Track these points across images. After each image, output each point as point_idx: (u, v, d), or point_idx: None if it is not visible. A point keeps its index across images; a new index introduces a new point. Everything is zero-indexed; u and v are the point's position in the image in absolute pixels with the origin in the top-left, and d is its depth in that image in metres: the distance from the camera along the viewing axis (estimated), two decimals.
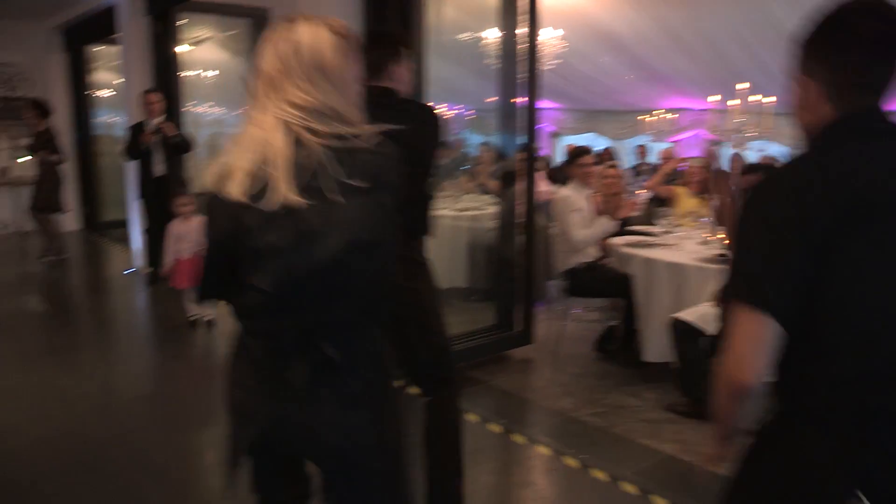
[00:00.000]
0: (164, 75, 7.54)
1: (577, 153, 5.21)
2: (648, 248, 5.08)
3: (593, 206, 5.24)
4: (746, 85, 5.40)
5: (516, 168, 5.94)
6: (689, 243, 5.27)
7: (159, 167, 6.82)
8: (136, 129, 6.80)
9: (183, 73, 7.81)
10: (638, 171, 10.10)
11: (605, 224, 5.03)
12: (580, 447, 3.87)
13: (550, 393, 4.67)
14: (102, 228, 10.57)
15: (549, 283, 5.93)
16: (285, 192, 1.53)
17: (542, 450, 3.83)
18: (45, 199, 8.17)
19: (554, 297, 5.64)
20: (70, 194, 9.48)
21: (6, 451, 3.81)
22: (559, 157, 10.16)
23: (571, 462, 3.70)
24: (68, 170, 9.08)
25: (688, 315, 4.37)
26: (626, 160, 11.76)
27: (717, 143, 10.72)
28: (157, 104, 6.78)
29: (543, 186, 6.04)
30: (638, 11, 8.15)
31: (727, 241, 5.00)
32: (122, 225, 9.38)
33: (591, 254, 5.15)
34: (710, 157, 9.15)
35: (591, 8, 8.23)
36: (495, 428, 4.07)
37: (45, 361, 5.25)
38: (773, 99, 7.23)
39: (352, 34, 1.70)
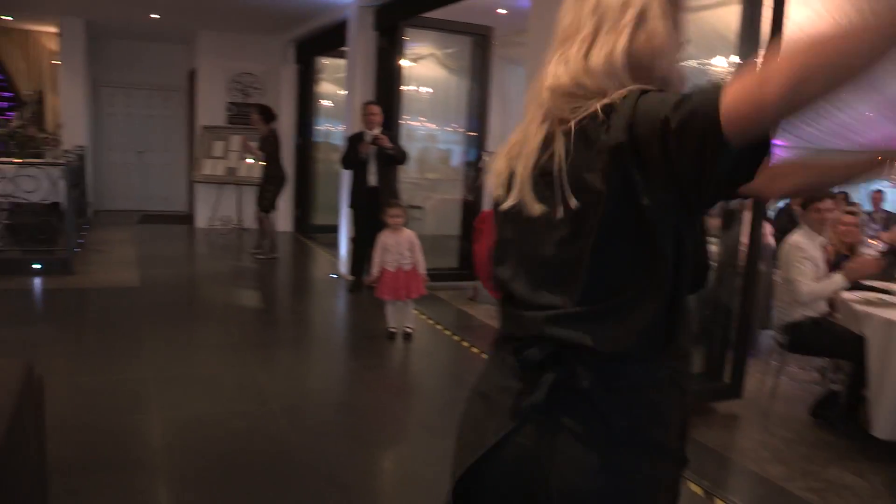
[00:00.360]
0: (386, 88, 7.81)
1: (814, 197, 4.73)
2: (888, 307, 4.52)
3: (826, 257, 4.75)
4: None
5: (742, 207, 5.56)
6: None
7: (372, 178, 7.02)
8: (355, 140, 7.05)
9: (403, 88, 8.02)
10: (872, 219, 9.20)
11: (839, 281, 4.52)
12: None
13: (759, 456, 4.25)
14: (312, 231, 11.13)
15: (764, 333, 5.46)
16: (523, 196, 1.43)
17: None
18: (265, 199, 8.72)
19: (767, 350, 5.16)
20: (286, 197, 10.08)
21: (201, 439, 3.99)
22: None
23: None
24: (289, 174, 9.63)
25: None
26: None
27: None
28: (376, 116, 6.99)
29: (767, 230, 5.58)
30: None
31: None
32: (331, 230, 9.81)
33: (817, 308, 4.65)
34: None
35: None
36: (696, 488, 3.73)
37: (248, 355, 5.54)
38: None
39: None
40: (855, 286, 4.98)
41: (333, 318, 7.26)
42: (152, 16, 10.19)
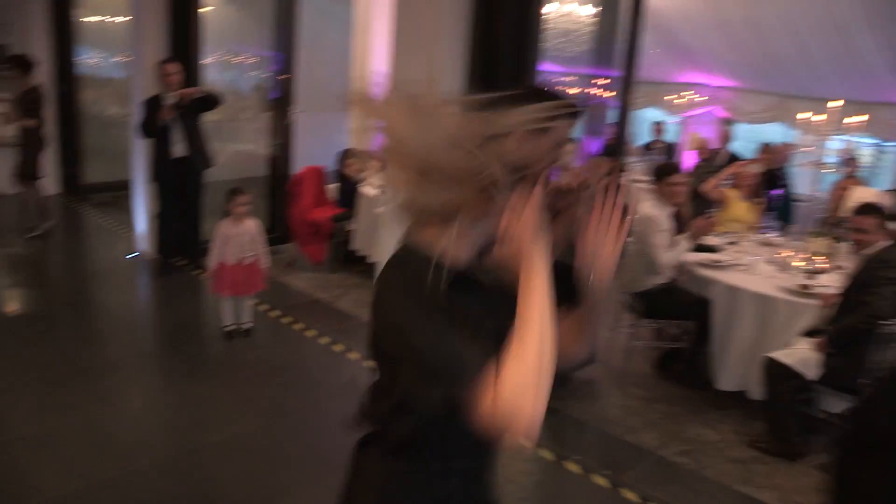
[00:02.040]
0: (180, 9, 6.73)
1: (667, 170, 4.95)
2: (726, 270, 4.89)
3: (674, 225, 5.01)
4: (840, 103, 5.16)
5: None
6: (762, 264, 5.10)
7: (179, 146, 6.30)
8: (152, 104, 6.23)
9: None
10: (649, 147, 9.88)
11: (685, 245, 4.80)
12: (684, 498, 3.73)
13: (630, 425, 4.49)
14: (85, 193, 9.85)
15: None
16: None
17: None
18: (26, 166, 7.52)
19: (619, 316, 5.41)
20: (50, 155, 8.73)
21: None
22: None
23: None
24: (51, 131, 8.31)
25: (786, 357, 4.20)
26: (639, 135, 11.52)
27: (729, 121, 10.58)
28: (174, 75, 6.23)
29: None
30: None
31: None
32: (108, 188, 8.71)
33: (666, 275, 4.92)
34: (724, 137, 9.03)
35: None
36: (602, 481, 3.87)
37: (74, 390, 4.38)
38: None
39: None
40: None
41: (158, 316, 6.08)
42: None
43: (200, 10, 6.79)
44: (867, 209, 4.22)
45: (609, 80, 5.19)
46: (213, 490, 3.62)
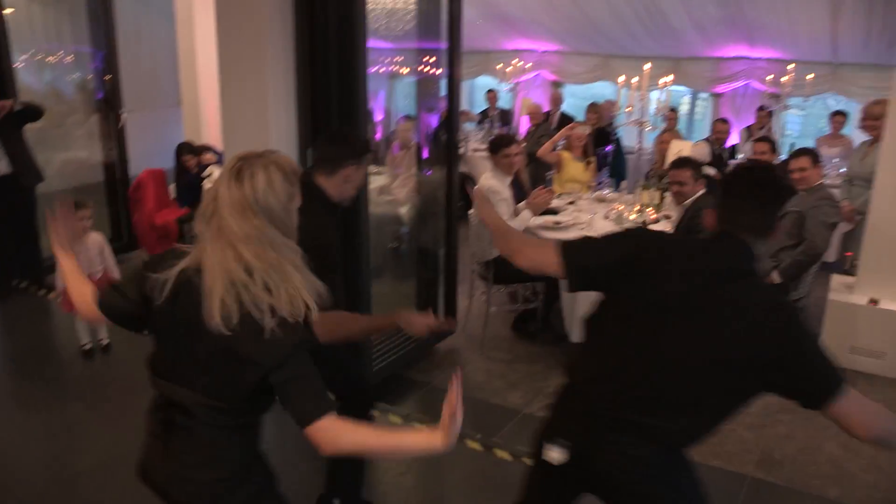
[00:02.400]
0: None
1: (502, 142, 5.16)
2: (567, 230, 5.20)
3: (514, 192, 5.26)
4: (649, 65, 5.54)
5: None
6: (600, 220, 5.46)
7: (2, 164, 5.94)
8: None
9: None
10: (486, 115, 10.15)
11: (528, 216, 5.06)
12: None
13: (495, 388, 4.74)
14: None
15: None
16: None
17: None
18: None
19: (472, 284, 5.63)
20: None
21: None
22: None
23: None
24: None
25: None
26: (474, 104, 11.80)
27: (557, 84, 11.05)
28: None
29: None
30: None
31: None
32: None
33: None
34: (554, 100, 9.46)
35: None
36: (475, 445, 4.07)
37: None
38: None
39: None
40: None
41: (6, 344, 5.67)
42: None
43: (4, 12, 6.34)
44: (681, 163, 4.61)
45: (435, 55, 5.32)
46: None
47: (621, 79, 5.76)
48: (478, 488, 3.76)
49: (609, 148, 8.29)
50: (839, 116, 8.45)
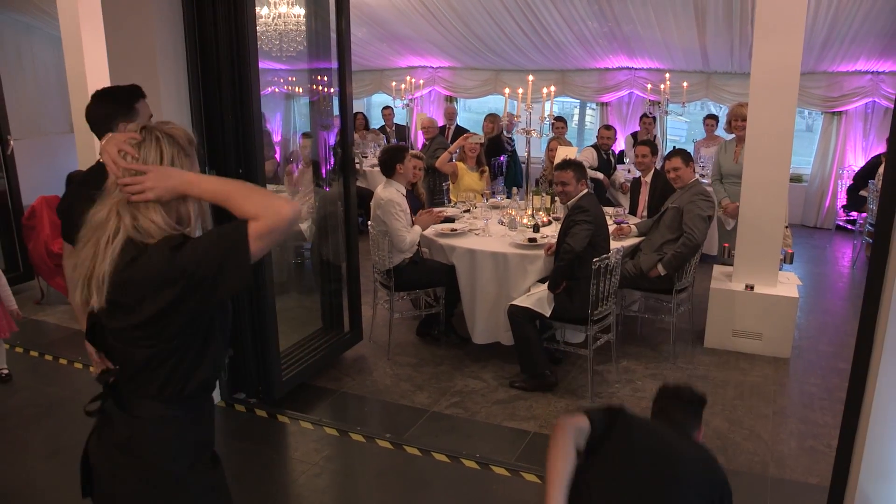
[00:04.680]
0: None
1: (396, 156, 5.33)
2: (464, 237, 5.42)
3: (410, 203, 5.45)
4: (531, 77, 5.82)
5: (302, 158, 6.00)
6: (494, 225, 5.69)
7: None
8: None
9: None
10: (382, 131, 10.32)
11: (419, 230, 5.31)
12: (461, 443, 4.18)
13: (403, 390, 4.89)
14: None
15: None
16: None
17: (440, 457, 4.07)
18: None
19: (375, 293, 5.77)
20: None
21: None
22: None
23: (471, 464, 3.98)
24: None
25: (525, 301, 4.80)
26: (371, 121, 11.93)
27: (451, 99, 11.33)
28: None
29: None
30: None
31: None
32: None
33: (410, 251, 5.35)
34: (448, 114, 9.73)
35: None
36: (386, 444, 4.21)
37: None
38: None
39: None
40: None
41: None
42: None
43: None
44: (564, 165, 4.88)
45: (327, 74, 5.47)
46: None
47: (507, 91, 6.04)
48: (391, 484, 3.89)
49: (502, 158, 8.61)
50: (711, 120, 9.09)
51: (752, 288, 5.47)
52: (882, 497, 3.10)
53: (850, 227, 9.20)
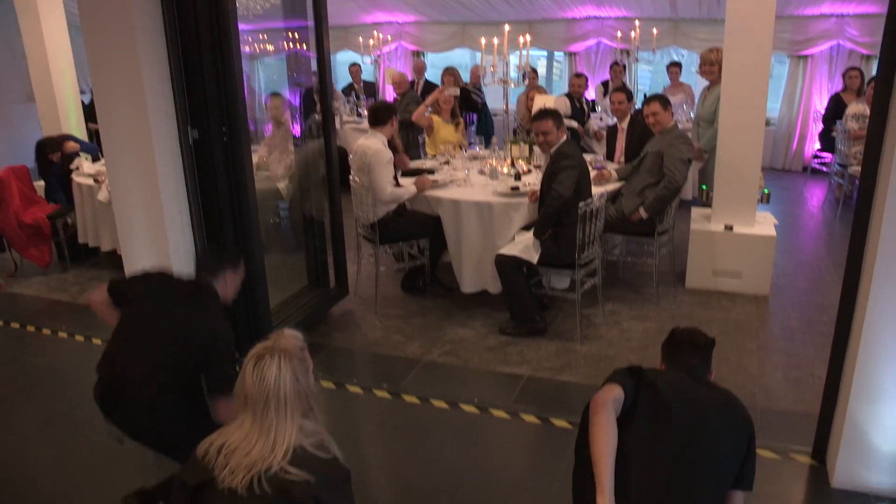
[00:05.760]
0: None
1: (387, 111, 5.31)
2: (445, 188, 5.41)
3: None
4: (508, 27, 5.79)
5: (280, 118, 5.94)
6: (475, 176, 5.70)
7: None
8: None
9: None
10: (351, 89, 10.20)
11: (412, 189, 5.27)
12: (456, 389, 4.24)
13: (394, 342, 4.92)
14: None
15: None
16: None
17: (439, 404, 4.11)
18: None
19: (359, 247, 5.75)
20: None
21: None
22: None
23: (470, 409, 4.04)
24: None
25: (512, 249, 4.83)
26: (338, 79, 11.77)
27: (419, 53, 11.22)
28: None
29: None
30: None
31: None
32: None
33: (394, 202, 5.33)
34: (418, 68, 9.65)
35: None
36: (384, 394, 4.25)
37: None
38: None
39: None
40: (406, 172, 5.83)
41: None
42: None
43: None
44: (542, 114, 4.86)
45: (299, 31, 5.39)
46: None
47: (483, 41, 5.99)
48: (393, 432, 3.94)
49: (475, 110, 8.59)
50: (674, 67, 9.17)
51: (731, 228, 5.56)
52: (871, 419, 3.21)
53: (824, 168, 9.35)
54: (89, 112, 8.38)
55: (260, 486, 1.93)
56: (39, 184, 7.00)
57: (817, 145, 9.54)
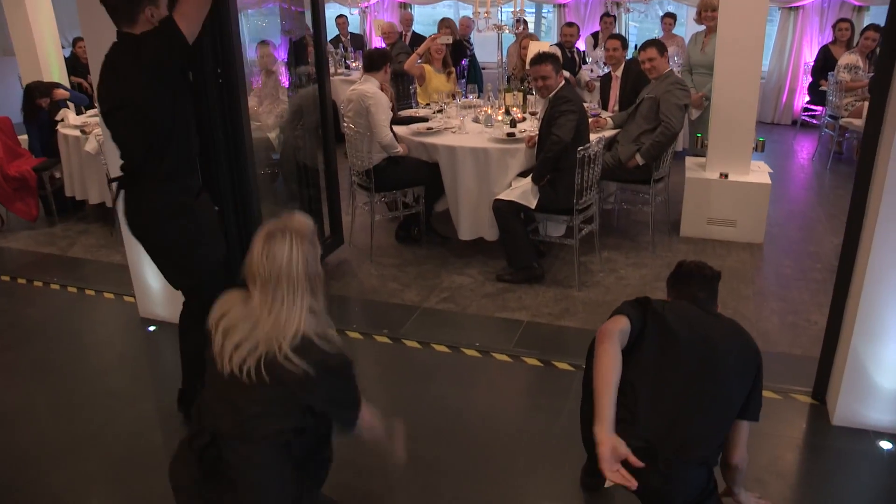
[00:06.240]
0: None
1: (384, 58, 5.23)
2: (440, 135, 5.36)
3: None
4: None
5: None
6: (469, 123, 5.64)
7: None
8: None
9: None
10: (338, 41, 10.03)
11: (402, 148, 5.23)
12: (456, 334, 4.23)
13: (392, 289, 4.90)
14: None
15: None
16: None
17: (441, 348, 4.11)
18: None
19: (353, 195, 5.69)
20: None
21: None
22: None
23: (472, 352, 4.04)
24: None
25: (510, 195, 4.80)
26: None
27: (406, 5, 11.06)
28: None
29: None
30: None
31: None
32: None
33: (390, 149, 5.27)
34: (405, 20, 9.52)
35: None
36: (384, 339, 4.25)
37: None
38: None
39: None
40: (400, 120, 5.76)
41: None
42: None
43: None
44: (541, 58, 4.80)
45: None
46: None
47: None
48: (396, 377, 3.94)
49: (464, 62, 8.49)
50: (668, 18, 9.08)
51: (726, 176, 5.56)
52: (873, 358, 3.23)
53: (814, 122, 9.34)
54: (71, 66, 8.24)
55: (258, 374, 1.92)
56: (23, 137, 6.86)
57: (807, 98, 9.51)
